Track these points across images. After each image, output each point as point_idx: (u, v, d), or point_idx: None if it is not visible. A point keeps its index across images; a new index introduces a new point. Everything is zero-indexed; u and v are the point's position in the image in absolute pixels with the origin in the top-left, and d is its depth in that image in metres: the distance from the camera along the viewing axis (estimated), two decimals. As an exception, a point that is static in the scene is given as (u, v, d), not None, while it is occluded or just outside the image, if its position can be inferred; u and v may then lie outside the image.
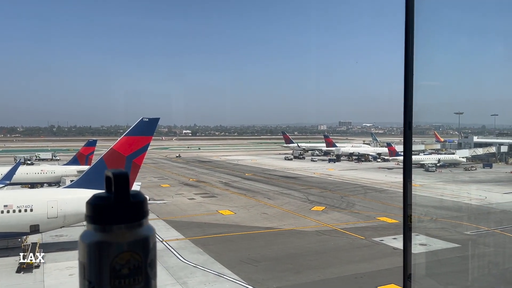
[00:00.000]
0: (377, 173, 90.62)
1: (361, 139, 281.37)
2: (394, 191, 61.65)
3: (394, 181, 72.28)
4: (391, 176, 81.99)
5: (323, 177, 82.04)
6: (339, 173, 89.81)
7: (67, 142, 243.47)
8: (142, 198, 2.08)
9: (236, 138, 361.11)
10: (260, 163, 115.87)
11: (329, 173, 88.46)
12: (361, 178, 79.05)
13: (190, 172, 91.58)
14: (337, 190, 64.17)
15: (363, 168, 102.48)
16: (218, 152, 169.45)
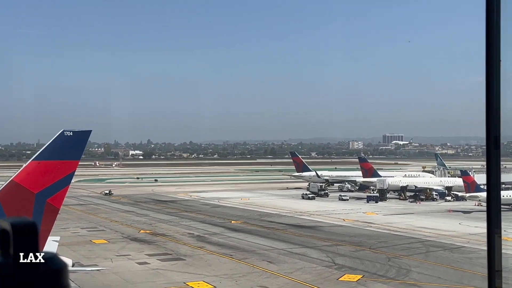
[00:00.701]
0: (446, 219, 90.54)
1: (420, 164, 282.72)
2: (474, 249, 61.82)
3: (474, 233, 72.46)
4: (468, 225, 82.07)
5: (359, 226, 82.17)
6: (385, 219, 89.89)
7: None
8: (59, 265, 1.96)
9: (217, 163, 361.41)
10: (256, 203, 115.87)
11: (368, 220, 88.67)
12: (421, 228, 79.15)
13: (141, 218, 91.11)
14: (380, 247, 64.04)
15: (423, 211, 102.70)
16: (187, 185, 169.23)
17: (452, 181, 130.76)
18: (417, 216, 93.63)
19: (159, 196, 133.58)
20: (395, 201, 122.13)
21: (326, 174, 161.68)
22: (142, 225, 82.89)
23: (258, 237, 71.53)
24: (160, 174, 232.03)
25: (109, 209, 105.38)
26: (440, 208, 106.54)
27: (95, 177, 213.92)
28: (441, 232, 75.26)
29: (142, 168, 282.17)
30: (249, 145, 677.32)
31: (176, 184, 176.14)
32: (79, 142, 29.90)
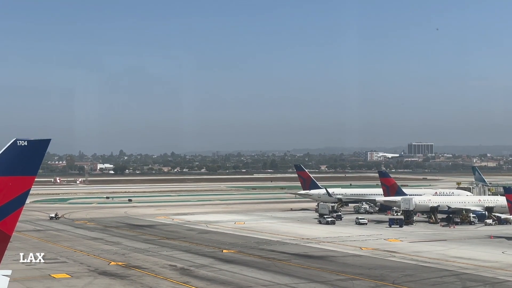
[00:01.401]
0: (487, 246, 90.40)
1: (453, 179, 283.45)
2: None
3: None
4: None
5: (379, 255, 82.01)
6: (411, 247, 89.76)
7: None
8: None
9: (205, 179, 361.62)
10: (253, 228, 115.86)
11: (390, 248, 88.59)
12: (455, 258, 79.04)
13: (112, 247, 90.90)
14: (406, 282, 63.89)
15: (458, 237, 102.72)
16: (168, 207, 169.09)
17: (494, 201, 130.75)
18: (450, 244, 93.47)
19: (134, 220, 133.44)
20: (424, 225, 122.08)
21: (339, 192, 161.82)
22: (113, 256, 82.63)
23: (256, 269, 71.20)
24: (135, 192, 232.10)
25: (72, 236, 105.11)
26: (479, 234, 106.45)
27: (55, 196, 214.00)
28: (480, 263, 75.05)
29: (113, 185, 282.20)
30: (244, 156, 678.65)
31: (154, 205, 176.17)
32: (35, 154, 29.83)
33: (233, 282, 63.96)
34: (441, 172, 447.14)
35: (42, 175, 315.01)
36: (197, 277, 67.10)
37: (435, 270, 70.70)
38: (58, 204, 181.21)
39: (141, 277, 67.47)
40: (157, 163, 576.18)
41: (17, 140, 28.99)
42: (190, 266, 74.10)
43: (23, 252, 75.76)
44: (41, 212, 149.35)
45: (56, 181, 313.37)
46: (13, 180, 29.10)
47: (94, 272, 70.45)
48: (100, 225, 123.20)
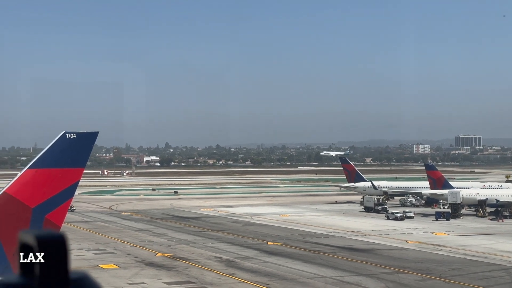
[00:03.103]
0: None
1: (502, 172, 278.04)
2: None
3: None
4: None
5: (426, 249, 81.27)
6: (458, 241, 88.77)
7: None
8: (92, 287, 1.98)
9: (249, 171, 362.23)
10: (298, 220, 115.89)
11: (437, 241, 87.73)
12: (504, 253, 77.80)
13: (158, 239, 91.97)
14: (453, 276, 63.16)
15: (506, 231, 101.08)
16: (214, 199, 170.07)
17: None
18: (499, 238, 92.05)
19: (180, 212, 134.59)
20: (471, 219, 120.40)
21: (384, 185, 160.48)
22: (159, 247, 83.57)
23: (301, 262, 71.25)
24: (180, 184, 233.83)
25: (119, 227, 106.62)
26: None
27: (102, 188, 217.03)
28: (530, 257, 73.78)
29: (159, 178, 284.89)
30: (289, 149, 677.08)
31: (200, 197, 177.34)
32: (84, 146, 30.25)
33: (278, 275, 64.09)
34: (489, 165, 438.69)
35: (90, 167, 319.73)
36: (242, 269, 67.39)
37: (483, 264, 69.69)
38: (105, 195, 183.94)
39: (186, 268, 68.08)
40: (202, 155, 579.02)
41: (66, 132, 29.45)
42: (235, 258, 74.45)
43: (72, 243, 76.92)
44: (90, 203, 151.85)
45: (104, 173, 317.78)
46: (62, 172, 29.59)
47: (141, 263, 71.36)
48: (147, 216, 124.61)
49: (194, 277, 63.30)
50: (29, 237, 1.81)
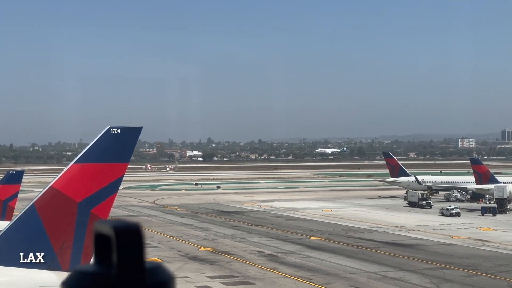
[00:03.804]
0: None
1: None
2: None
3: None
4: None
5: (471, 244, 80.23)
6: (505, 236, 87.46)
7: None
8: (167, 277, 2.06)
9: (291, 166, 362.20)
10: (340, 215, 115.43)
11: (483, 237, 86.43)
12: (552, 248, 76.26)
13: (201, 233, 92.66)
14: (500, 272, 62.14)
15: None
16: (256, 193, 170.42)
17: None
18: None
19: (222, 206, 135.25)
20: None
21: (428, 180, 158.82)
22: (202, 241, 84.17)
23: (344, 257, 71.02)
24: (223, 179, 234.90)
25: (163, 222, 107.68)
26: None
27: (146, 183, 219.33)
28: None
29: (201, 172, 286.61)
30: (331, 144, 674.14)
31: (242, 191, 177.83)
32: (128, 141, 30.60)
33: (320, 269, 63.98)
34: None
35: (134, 162, 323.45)
36: (285, 264, 67.45)
37: (530, 260, 68.43)
38: (149, 190, 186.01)
39: (229, 262, 68.42)
40: (244, 150, 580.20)
41: (110, 128, 29.83)
42: (278, 252, 74.53)
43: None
44: (134, 198, 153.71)
45: (147, 168, 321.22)
46: (107, 167, 30.01)
47: (185, 257, 71.97)
48: (190, 211, 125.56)
49: (237, 271, 63.60)
50: (105, 227, 1.87)
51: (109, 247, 1.86)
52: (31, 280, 28.05)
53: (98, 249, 1.87)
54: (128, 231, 1.86)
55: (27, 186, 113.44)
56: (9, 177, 69.35)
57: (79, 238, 29.24)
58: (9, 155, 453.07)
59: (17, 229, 29.28)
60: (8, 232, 29.44)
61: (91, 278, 1.77)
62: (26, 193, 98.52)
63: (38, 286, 27.96)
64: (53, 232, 28.76)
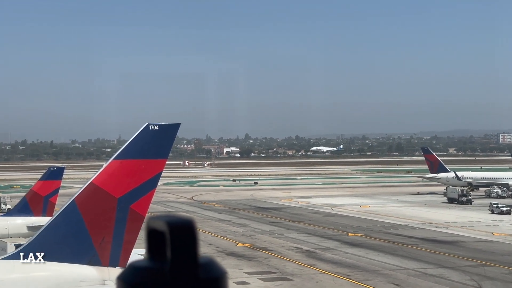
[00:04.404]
0: None
1: None
2: None
3: None
4: None
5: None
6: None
7: (9, 172, 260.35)
8: (219, 272, 2.09)
9: (329, 162, 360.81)
10: (379, 211, 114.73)
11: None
12: None
13: (239, 229, 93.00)
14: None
15: None
16: (293, 189, 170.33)
17: None
18: None
19: (260, 202, 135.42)
20: None
21: (468, 176, 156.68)
22: (240, 237, 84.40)
23: (382, 253, 70.64)
24: (260, 175, 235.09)
25: (201, 218, 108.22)
26: None
27: (184, 179, 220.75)
28: None
29: (239, 168, 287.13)
30: (369, 139, 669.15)
31: (279, 187, 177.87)
32: (166, 138, 30.83)
33: (359, 266, 63.72)
34: None
35: (172, 159, 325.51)
36: (323, 260, 67.31)
37: None
38: (187, 186, 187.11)
39: (267, 258, 68.51)
40: (281, 146, 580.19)
41: (149, 124, 30.09)
42: (316, 248, 74.42)
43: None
44: (172, 194, 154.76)
45: (185, 164, 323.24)
46: (146, 163, 30.26)
47: (222, 253, 72.28)
48: (227, 207, 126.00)
49: (274, 267, 63.68)
50: (159, 222, 1.90)
51: (162, 242, 1.91)
52: (72, 274, 28.46)
53: (151, 244, 1.93)
54: (182, 227, 1.91)
55: (67, 182, 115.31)
56: (50, 173, 70.56)
57: (119, 234, 29.57)
58: (50, 152, 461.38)
59: (58, 224, 29.73)
60: (49, 228, 29.93)
61: (146, 273, 1.82)
62: (67, 189, 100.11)
63: (79, 280, 28.37)
64: (93, 227, 29.14)
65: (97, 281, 28.76)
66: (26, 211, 68.27)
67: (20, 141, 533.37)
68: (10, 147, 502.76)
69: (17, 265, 28.57)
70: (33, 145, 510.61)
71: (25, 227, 65.58)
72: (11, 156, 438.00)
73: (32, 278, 28.30)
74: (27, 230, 64.37)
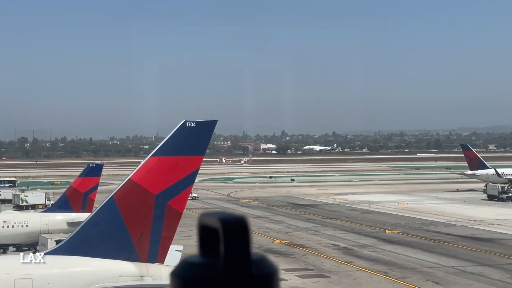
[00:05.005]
0: None
1: None
2: None
3: None
4: None
5: (555, 240, 77.55)
6: None
7: (49, 169, 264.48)
8: (272, 269, 2.12)
9: (366, 159, 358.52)
10: (417, 208, 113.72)
11: None
12: None
13: (276, 226, 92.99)
14: None
15: None
16: (330, 186, 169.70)
17: None
18: None
19: (297, 199, 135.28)
20: None
21: (509, 173, 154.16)
22: (276, 234, 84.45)
23: (420, 251, 70.06)
24: (297, 172, 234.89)
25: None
26: None
27: (221, 175, 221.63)
28: None
29: (275, 165, 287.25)
30: (407, 136, 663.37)
31: (316, 184, 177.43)
32: (203, 135, 31.01)
33: (397, 263, 63.28)
34: None
35: (209, 155, 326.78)
36: (360, 257, 67.00)
37: None
38: (224, 183, 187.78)
39: (304, 255, 68.46)
40: (318, 143, 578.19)
41: (186, 121, 30.30)
42: (353, 246, 74.10)
43: (193, 229, 78.71)
44: (209, 191, 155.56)
45: (222, 161, 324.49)
46: (183, 160, 30.48)
47: (260, 250, 72.25)
48: (264, 204, 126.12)
49: (311, 264, 63.61)
50: (211, 219, 1.93)
51: (214, 239, 1.95)
52: (111, 270, 28.82)
53: (203, 241, 1.96)
54: (235, 224, 1.94)
55: (106, 178, 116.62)
56: (89, 170, 71.56)
57: (156, 230, 29.86)
58: (89, 149, 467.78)
59: (97, 220, 30.14)
60: (88, 224, 30.37)
61: (200, 269, 1.85)
62: (105, 185, 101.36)
63: (117, 276, 28.71)
64: (131, 223, 29.47)
65: (135, 277, 29.08)
66: (66, 207, 69.41)
67: (60, 138, 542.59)
68: (50, 144, 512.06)
69: (58, 260, 29.06)
70: (73, 142, 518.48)
71: (65, 223, 66.72)
72: (51, 153, 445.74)
73: (72, 273, 28.75)
74: (67, 226, 65.50)
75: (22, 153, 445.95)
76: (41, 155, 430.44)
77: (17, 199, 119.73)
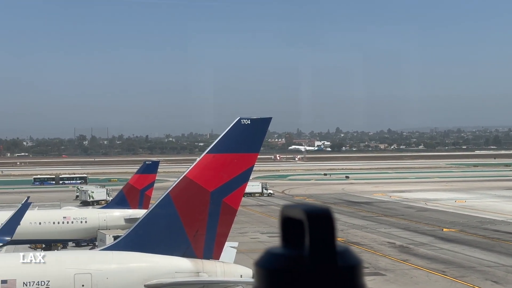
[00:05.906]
0: None
1: None
2: None
3: None
4: None
5: None
6: None
7: (106, 166, 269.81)
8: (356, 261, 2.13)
9: (422, 156, 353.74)
10: (475, 206, 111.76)
11: None
12: None
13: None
14: None
15: None
16: (385, 184, 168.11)
17: None
18: None
19: (351, 197, 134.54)
20: None
21: None
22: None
23: (479, 249, 68.86)
24: (351, 169, 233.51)
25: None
26: None
27: (275, 173, 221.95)
28: None
29: (330, 162, 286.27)
30: (465, 132, 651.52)
31: (371, 181, 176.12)
32: (258, 132, 31.04)
33: (454, 262, 62.32)
34: None
35: (263, 152, 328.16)
36: (417, 255, 66.25)
37: None
38: (278, 180, 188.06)
39: (359, 253, 67.59)
40: (373, 140, 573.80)
41: (241, 119, 30.38)
42: (409, 244, 73.33)
43: (248, 226, 78.81)
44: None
45: (276, 158, 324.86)
46: (238, 157, 30.59)
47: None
48: (319, 201, 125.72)
49: (367, 262, 63.10)
50: (296, 211, 1.98)
51: (297, 230, 2.01)
52: (168, 266, 29.17)
53: (286, 232, 2.01)
54: (321, 215, 1.98)
55: (162, 175, 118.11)
56: (146, 167, 72.59)
57: (212, 226, 30.05)
58: (145, 146, 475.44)
59: (154, 217, 30.56)
60: (145, 220, 30.81)
61: (286, 259, 1.90)
62: (162, 182, 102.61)
63: (174, 272, 29.03)
64: (187, 220, 29.75)
65: (191, 273, 29.34)
66: (123, 204, 70.57)
67: (117, 136, 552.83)
68: (108, 142, 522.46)
69: (115, 255, 29.57)
70: (129, 140, 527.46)
71: (123, 219, 67.81)
72: (108, 151, 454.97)
73: (129, 269, 29.20)
74: (124, 222, 66.55)
75: (81, 150, 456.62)
76: (99, 152, 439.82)
77: (84, 195, 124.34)
